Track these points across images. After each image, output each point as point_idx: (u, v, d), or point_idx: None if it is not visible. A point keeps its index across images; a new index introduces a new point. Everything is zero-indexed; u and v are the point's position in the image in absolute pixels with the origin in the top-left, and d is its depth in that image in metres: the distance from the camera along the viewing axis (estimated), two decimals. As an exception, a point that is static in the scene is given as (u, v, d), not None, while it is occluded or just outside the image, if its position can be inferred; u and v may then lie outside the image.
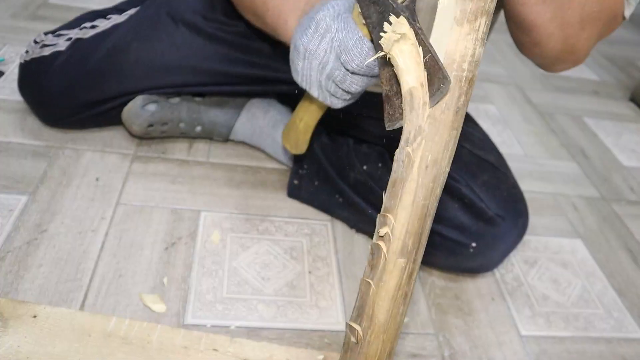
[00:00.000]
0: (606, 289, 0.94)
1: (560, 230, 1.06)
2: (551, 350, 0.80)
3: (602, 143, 1.42)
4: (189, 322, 0.71)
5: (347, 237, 0.91)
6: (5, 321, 0.66)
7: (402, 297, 0.51)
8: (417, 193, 0.48)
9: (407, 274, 0.50)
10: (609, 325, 0.86)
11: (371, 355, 0.52)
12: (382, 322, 0.51)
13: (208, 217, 0.88)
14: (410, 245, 0.49)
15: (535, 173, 1.22)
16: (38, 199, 0.84)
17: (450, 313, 0.81)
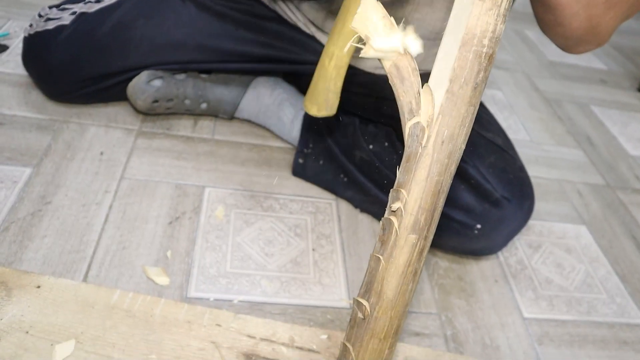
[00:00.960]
0: (609, 275, 0.94)
1: (565, 216, 1.06)
2: (553, 332, 0.80)
3: (608, 131, 1.42)
4: (192, 295, 0.72)
5: (351, 217, 0.91)
6: (9, 291, 0.66)
7: (412, 274, 0.51)
8: (432, 168, 0.47)
9: (418, 250, 0.50)
10: (612, 310, 0.87)
11: (378, 331, 0.52)
12: (390, 298, 0.51)
13: (212, 193, 0.88)
14: (422, 221, 0.49)
15: (540, 159, 1.22)
16: (42, 172, 0.84)
17: (453, 294, 0.82)
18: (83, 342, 0.62)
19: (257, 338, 0.66)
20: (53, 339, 0.61)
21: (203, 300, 0.72)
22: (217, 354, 0.64)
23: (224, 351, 0.64)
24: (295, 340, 0.67)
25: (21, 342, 0.60)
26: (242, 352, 0.64)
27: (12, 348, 0.59)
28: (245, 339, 0.66)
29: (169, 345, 0.63)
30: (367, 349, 0.52)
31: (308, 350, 0.67)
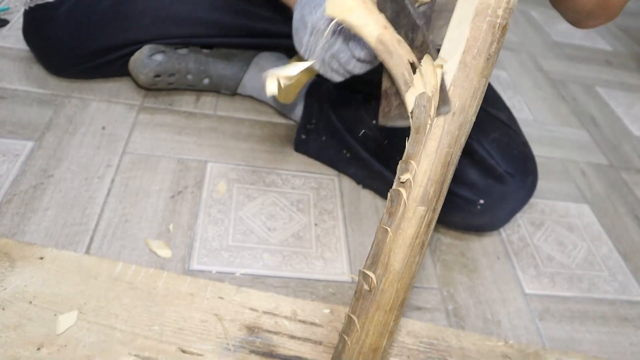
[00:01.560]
0: (611, 253, 0.94)
1: (568, 194, 1.06)
2: (554, 308, 0.81)
3: (613, 112, 1.41)
4: (194, 267, 0.73)
5: (353, 193, 0.91)
6: (13, 262, 0.66)
7: (419, 246, 0.51)
8: (442, 140, 0.47)
9: (426, 222, 0.50)
10: (613, 287, 0.87)
11: (384, 303, 0.52)
12: (397, 270, 0.51)
13: (214, 168, 0.88)
14: (431, 193, 0.49)
15: (544, 138, 1.22)
16: (44, 145, 0.85)
17: (455, 269, 0.82)
18: (86, 312, 0.62)
19: (260, 311, 0.67)
20: (56, 310, 0.62)
21: (205, 272, 0.72)
22: (219, 326, 0.64)
23: (226, 323, 0.65)
24: (297, 313, 0.68)
25: (25, 312, 0.61)
26: (244, 325, 0.65)
27: (15, 317, 0.60)
28: (247, 311, 0.67)
29: (172, 316, 0.64)
30: (372, 321, 0.53)
31: (310, 323, 0.67)
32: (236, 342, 0.62)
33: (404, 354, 0.66)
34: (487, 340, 0.71)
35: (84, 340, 0.60)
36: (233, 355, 0.61)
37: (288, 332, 0.65)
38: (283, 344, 0.64)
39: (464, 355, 0.68)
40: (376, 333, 0.53)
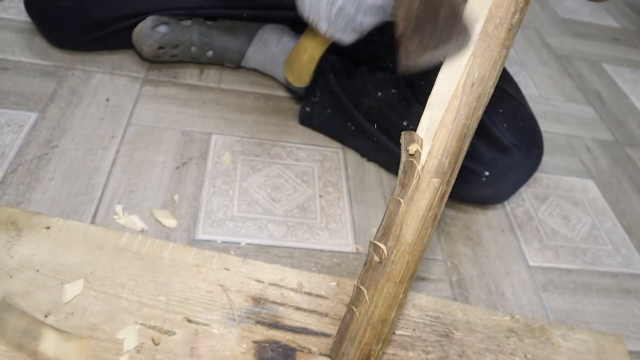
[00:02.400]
0: (616, 227, 0.95)
1: (573, 170, 1.06)
2: (557, 280, 0.82)
3: (619, 89, 1.41)
4: (199, 237, 0.73)
5: (358, 165, 0.92)
6: (19, 231, 0.67)
7: (432, 219, 0.51)
8: (460, 111, 0.47)
9: (440, 194, 0.50)
10: (616, 261, 0.88)
11: (394, 275, 0.52)
12: (409, 242, 0.51)
13: (219, 140, 0.89)
14: (446, 165, 0.49)
15: (549, 114, 1.22)
16: (48, 116, 0.85)
17: (460, 242, 0.83)
18: (92, 281, 0.63)
19: (266, 283, 0.68)
20: (63, 278, 0.62)
21: (210, 242, 0.73)
22: (225, 297, 0.65)
23: (232, 294, 0.65)
24: (303, 285, 0.68)
25: (32, 280, 0.61)
26: (250, 296, 0.66)
27: (23, 285, 0.61)
28: (253, 283, 0.67)
29: (178, 287, 0.65)
30: (381, 293, 0.53)
31: (316, 295, 0.68)
32: (242, 312, 0.63)
33: (409, 326, 0.67)
34: (493, 314, 0.71)
35: (91, 308, 0.60)
36: (239, 326, 0.62)
37: (294, 303, 0.66)
38: (289, 316, 0.65)
39: (470, 329, 0.69)
40: (385, 305, 0.53)
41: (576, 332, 0.72)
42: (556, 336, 0.71)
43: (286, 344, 0.61)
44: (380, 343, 0.56)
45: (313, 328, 0.64)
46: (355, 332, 0.55)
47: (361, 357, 0.56)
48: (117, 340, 0.58)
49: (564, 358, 0.68)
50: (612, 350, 0.71)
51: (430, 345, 0.65)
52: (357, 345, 0.55)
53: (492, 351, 0.67)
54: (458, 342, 0.67)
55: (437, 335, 0.67)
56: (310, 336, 0.63)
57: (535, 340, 0.69)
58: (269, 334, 0.62)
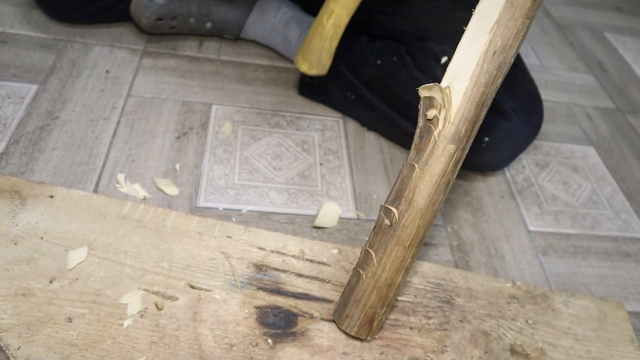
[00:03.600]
0: (615, 193, 0.96)
1: (573, 137, 1.07)
2: (557, 244, 0.83)
3: (621, 57, 1.40)
4: (201, 205, 0.74)
5: (358, 134, 0.92)
6: (23, 199, 0.68)
7: (445, 185, 0.51)
8: (480, 79, 0.48)
9: (454, 161, 0.50)
10: (616, 225, 0.89)
11: (404, 239, 0.53)
12: (420, 206, 0.51)
13: (219, 110, 0.89)
14: (463, 132, 0.49)
15: (550, 83, 1.22)
16: (48, 88, 0.86)
17: (460, 207, 0.84)
18: (96, 249, 0.64)
19: (268, 250, 0.68)
20: (67, 245, 0.63)
21: (212, 209, 0.74)
22: (227, 264, 0.66)
23: (234, 261, 0.66)
24: (305, 252, 0.69)
25: (36, 247, 0.62)
26: (252, 263, 0.66)
27: (27, 252, 0.62)
28: (255, 250, 0.68)
29: (180, 254, 0.66)
30: (390, 256, 0.54)
31: (318, 262, 0.69)
32: (244, 279, 0.64)
33: (411, 293, 0.68)
34: (494, 281, 0.72)
35: (95, 274, 0.61)
36: (241, 291, 0.63)
37: (296, 270, 0.67)
38: (291, 282, 0.66)
39: (471, 295, 0.70)
40: (393, 268, 0.54)
41: (577, 299, 0.73)
42: (557, 302, 0.72)
43: (288, 309, 0.62)
44: (385, 307, 0.57)
45: (315, 294, 0.65)
46: (361, 294, 0.56)
47: (365, 319, 0.57)
48: (121, 305, 0.59)
49: (565, 324, 0.69)
50: (614, 316, 0.72)
51: (431, 311, 0.66)
52: (362, 308, 0.57)
53: (493, 317, 0.68)
54: (459, 308, 0.68)
55: (438, 302, 0.68)
56: (312, 302, 0.64)
57: (536, 307, 0.70)
58: (271, 300, 0.63)
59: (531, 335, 0.67)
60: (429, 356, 0.62)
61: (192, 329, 0.59)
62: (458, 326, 0.66)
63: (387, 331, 0.63)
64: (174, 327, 0.58)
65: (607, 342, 0.69)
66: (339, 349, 0.60)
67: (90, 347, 0.55)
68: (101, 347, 0.55)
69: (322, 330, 0.61)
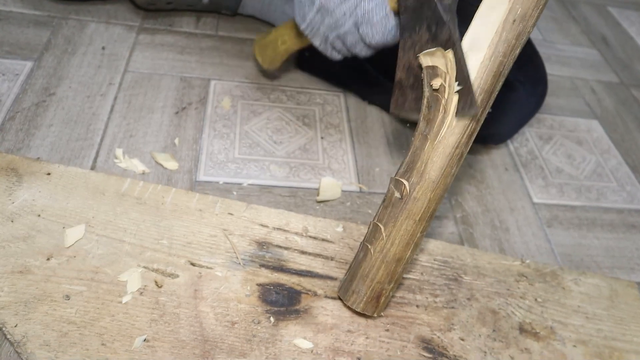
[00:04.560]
0: (620, 165, 0.94)
1: (577, 110, 1.05)
2: (562, 216, 0.81)
3: (625, 32, 1.38)
4: (201, 179, 0.73)
5: (359, 108, 0.90)
6: (20, 177, 0.66)
7: (458, 157, 0.50)
8: (498, 48, 0.46)
9: (469, 133, 0.49)
10: (621, 197, 0.87)
11: (415, 212, 0.51)
12: (432, 179, 0.50)
13: (218, 85, 0.87)
14: (479, 102, 0.47)
15: (553, 57, 1.20)
16: (44, 65, 0.83)
17: (463, 180, 0.82)
18: (94, 226, 0.63)
19: (270, 227, 0.67)
20: (64, 223, 0.62)
21: (212, 183, 0.72)
22: (228, 241, 0.64)
23: (235, 238, 0.65)
24: (308, 230, 0.68)
25: (34, 225, 0.61)
26: (254, 240, 0.65)
27: (25, 229, 0.60)
28: (257, 227, 0.67)
29: (180, 231, 0.64)
30: (399, 230, 0.52)
31: (322, 239, 0.67)
32: (246, 256, 0.63)
33: (417, 270, 0.66)
34: (502, 259, 0.71)
35: (93, 252, 0.60)
36: (243, 269, 0.61)
37: (299, 247, 0.66)
38: (294, 259, 0.64)
39: (479, 273, 0.68)
40: (402, 243, 0.53)
41: (588, 277, 0.71)
42: (567, 281, 0.70)
43: (291, 286, 0.61)
44: (393, 282, 0.55)
45: (318, 271, 0.63)
46: (369, 269, 0.54)
47: (372, 295, 0.56)
48: (120, 283, 0.58)
49: (575, 302, 0.68)
50: (625, 295, 0.70)
51: (438, 288, 0.65)
52: (369, 283, 0.55)
53: (501, 295, 0.66)
54: (467, 285, 0.66)
55: (445, 279, 0.66)
56: (315, 279, 0.62)
57: (546, 285, 0.69)
58: (274, 277, 0.62)
59: (540, 313, 0.65)
60: (435, 334, 0.60)
61: (192, 307, 0.57)
62: (465, 304, 0.64)
63: (393, 309, 0.61)
64: (174, 305, 0.57)
65: (619, 320, 0.67)
66: (343, 327, 0.59)
67: (89, 324, 0.54)
68: (100, 325, 0.54)
69: (326, 308, 0.60)
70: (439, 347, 0.60)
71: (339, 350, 0.57)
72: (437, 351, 0.59)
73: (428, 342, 0.60)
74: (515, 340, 0.62)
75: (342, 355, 0.56)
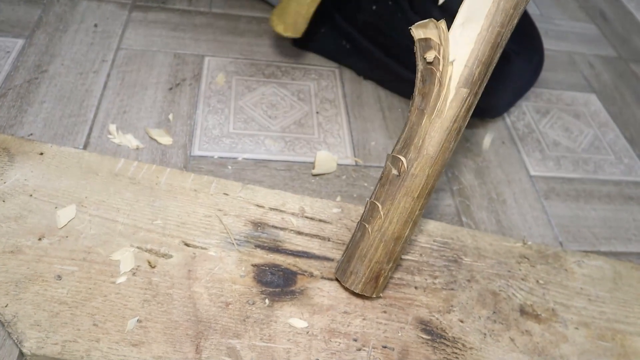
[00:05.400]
0: (618, 138, 0.91)
1: (574, 85, 1.02)
2: (559, 188, 0.79)
3: (623, 6, 1.34)
4: (195, 153, 0.70)
5: (355, 83, 0.88)
6: (12, 156, 0.64)
7: (456, 132, 0.47)
8: (495, 18, 0.43)
9: (466, 106, 0.46)
10: (619, 169, 0.85)
11: (413, 189, 0.49)
12: (431, 154, 0.47)
13: (212, 62, 0.85)
14: (476, 75, 0.45)
15: (550, 32, 1.16)
16: (35, 42, 0.81)
17: (460, 153, 0.80)
18: (87, 206, 0.60)
19: (266, 207, 0.64)
20: (57, 203, 0.59)
21: (207, 158, 0.70)
22: (223, 221, 0.62)
23: (230, 219, 0.62)
24: (305, 210, 0.65)
25: (25, 205, 0.59)
26: (250, 220, 0.62)
27: (16, 209, 0.58)
28: (253, 208, 0.64)
29: (175, 211, 0.61)
30: (397, 207, 0.49)
31: (319, 220, 0.64)
32: (241, 237, 0.60)
33: (416, 251, 0.63)
34: (504, 240, 0.68)
35: (85, 232, 0.57)
36: (238, 249, 0.59)
37: (295, 228, 0.63)
38: (290, 240, 0.61)
39: (480, 255, 0.65)
40: (400, 221, 0.50)
41: (591, 259, 0.68)
42: (570, 262, 0.67)
43: (287, 267, 0.58)
44: (391, 262, 0.53)
45: (315, 252, 0.61)
46: (367, 249, 0.52)
47: (371, 276, 0.53)
48: (113, 263, 0.55)
49: (578, 284, 0.65)
50: (629, 277, 0.68)
51: (437, 270, 0.62)
52: (368, 263, 0.52)
53: (502, 277, 0.63)
54: (467, 267, 0.63)
55: (445, 261, 0.63)
56: (312, 260, 0.60)
57: (548, 267, 0.66)
58: (269, 258, 0.59)
59: (542, 295, 0.63)
60: (434, 316, 0.58)
61: (186, 287, 0.55)
62: (465, 286, 0.61)
63: (391, 290, 0.59)
64: (167, 285, 0.55)
65: (622, 303, 0.65)
66: (340, 308, 0.56)
67: (81, 304, 0.52)
68: (92, 305, 0.52)
69: (323, 289, 0.57)
70: (437, 328, 0.57)
71: (335, 331, 0.55)
72: (435, 333, 0.57)
73: (426, 324, 0.57)
74: (516, 322, 0.60)
75: (339, 337, 0.54)
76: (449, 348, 0.55)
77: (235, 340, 0.52)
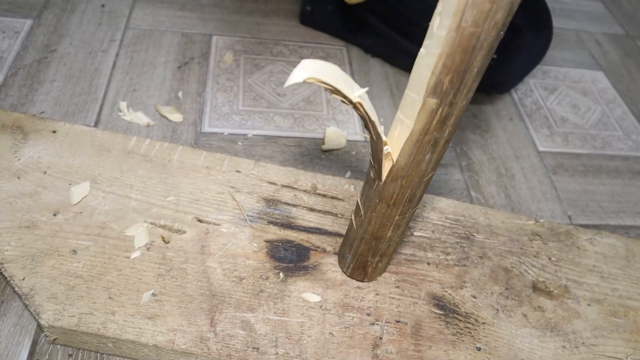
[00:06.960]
0: (626, 115, 0.90)
1: (582, 62, 1.01)
2: (568, 164, 0.78)
3: (629, -17, 1.32)
4: (205, 130, 0.70)
5: (362, 61, 0.87)
6: (25, 134, 0.63)
7: (430, 144, 0.41)
8: (465, 15, 0.33)
9: (440, 117, 0.39)
10: (627, 145, 0.84)
11: (387, 197, 0.46)
12: (401, 165, 0.43)
13: (220, 40, 0.84)
14: (446, 83, 0.36)
15: (557, 10, 1.15)
16: (43, 23, 0.80)
17: (468, 129, 0.79)
18: (100, 183, 0.60)
19: (279, 185, 0.64)
20: (71, 179, 0.59)
21: (217, 134, 0.70)
22: (236, 198, 0.62)
23: (243, 195, 0.62)
24: (317, 187, 0.64)
25: (40, 181, 0.58)
26: (262, 197, 0.62)
27: (31, 186, 0.58)
28: (265, 185, 0.64)
29: (187, 188, 0.61)
30: (375, 211, 0.47)
31: (331, 197, 0.64)
32: (254, 213, 0.60)
33: (428, 228, 0.63)
34: (516, 218, 0.67)
35: (99, 208, 0.57)
36: (251, 225, 0.59)
37: (307, 205, 0.62)
38: (302, 216, 0.61)
39: (492, 232, 0.64)
40: (378, 224, 0.48)
41: (604, 237, 0.68)
42: (582, 240, 0.66)
43: (300, 243, 0.58)
44: (377, 256, 0.52)
45: (327, 228, 0.60)
46: (352, 240, 0.51)
47: (357, 265, 0.53)
48: (127, 238, 0.55)
49: (590, 261, 0.65)
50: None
51: (450, 246, 0.62)
52: (354, 253, 0.52)
53: (514, 253, 0.63)
54: (479, 244, 0.63)
55: (457, 238, 0.63)
56: (324, 236, 0.59)
57: (560, 244, 0.65)
58: (282, 234, 0.59)
59: (554, 272, 0.62)
60: (447, 291, 0.58)
61: (200, 262, 0.55)
62: (478, 262, 0.61)
63: (404, 266, 0.58)
64: (181, 260, 0.55)
65: (635, 280, 0.64)
66: (352, 283, 0.56)
67: (96, 278, 0.52)
68: (107, 279, 0.52)
69: (335, 265, 0.57)
70: (450, 304, 0.57)
71: (348, 305, 0.55)
72: (448, 308, 0.57)
73: (439, 299, 0.57)
74: (529, 298, 0.60)
75: (352, 311, 0.54)
76: (462, 323, 0.55)
77: (250, 313, 0.52)
